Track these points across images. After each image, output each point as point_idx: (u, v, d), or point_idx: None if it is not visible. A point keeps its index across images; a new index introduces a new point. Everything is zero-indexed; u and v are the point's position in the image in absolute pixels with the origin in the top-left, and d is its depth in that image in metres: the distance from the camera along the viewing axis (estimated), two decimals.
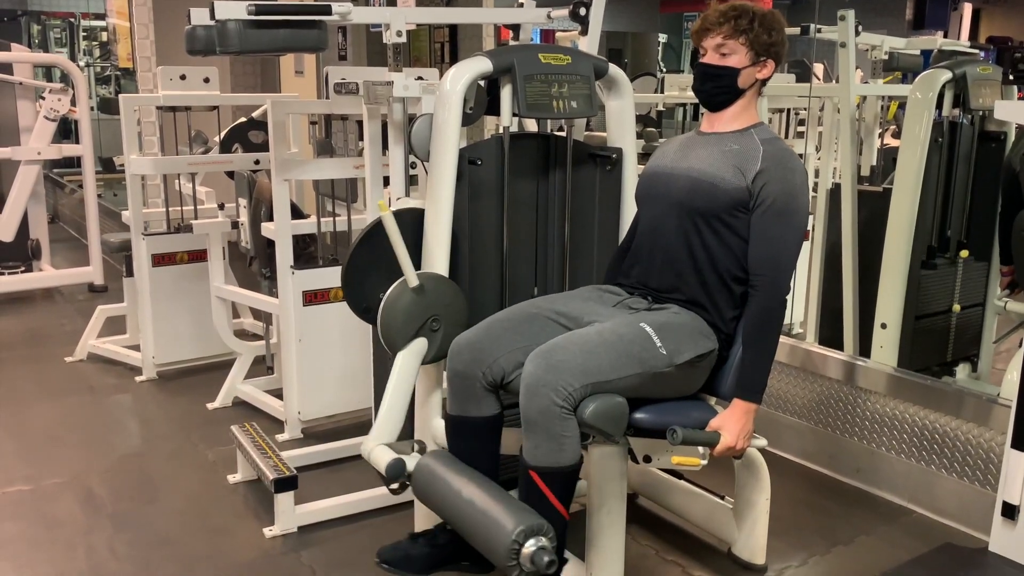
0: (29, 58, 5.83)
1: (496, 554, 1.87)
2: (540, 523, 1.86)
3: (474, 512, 1.94)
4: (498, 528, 1.87)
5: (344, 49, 6.53)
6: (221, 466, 3.16)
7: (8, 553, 2.60)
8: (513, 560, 1.84)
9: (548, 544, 1.85)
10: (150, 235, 4.00)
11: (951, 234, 3.50)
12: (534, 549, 1.83)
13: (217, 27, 2.35)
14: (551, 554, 1.84)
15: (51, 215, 7.69)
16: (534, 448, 1.94)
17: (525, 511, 1.90)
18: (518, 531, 1.83)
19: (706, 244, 2.13)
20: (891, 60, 4.19)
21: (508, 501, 1.94)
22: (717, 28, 2.12)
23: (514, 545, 1.83)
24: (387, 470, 2.08)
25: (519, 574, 1.85)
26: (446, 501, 2.03)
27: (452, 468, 2.07)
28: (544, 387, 1.90)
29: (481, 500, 1.95)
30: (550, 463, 1.93)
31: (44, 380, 4.09)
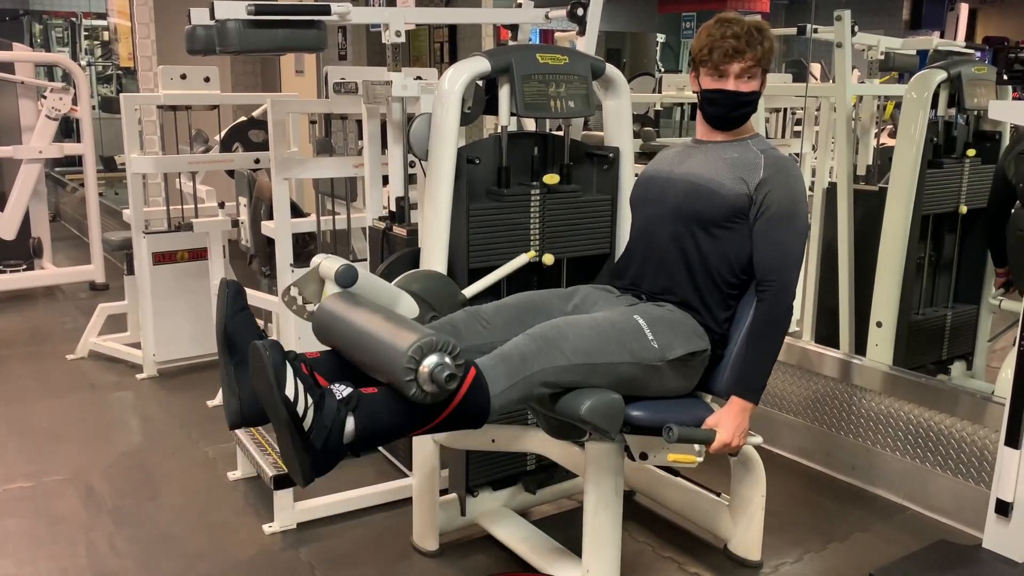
0: (31, 57, 5.83)
1: (393, 371, 1.71)
2: (444, 340, 1.72)
3: (370, 334, 1.80)
4: (395, 343, 1.72)
5: (344, 49, 6.53)
6: (221, 463, 3.17)
7: (10, 549, 2.61)
8: (410, 377, 1.69)
9: (450, 360, 1.71)
10: (151, 233, 4.00)
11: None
12: (434, 363, 1.69)
13: (217, 27, 2.36)
14: (453, 369, 1.71)
15: (53, 214, 7.70)
16: (492, 367, 1.85)
17: (429, 329, 1.78)
18: (416, 345, 1.69)
19: (700, 248, 2.13)
20: (887, 60, 4.20)
21: (411, 323, 1.82)
22: (743, 55, 2.07)
23: (411, 359, 1.69)
24: (338, 275, 1.97)
25: (417, 393, 1.71)
26: (342, 332, 1.89)
27: (359, 302, 1.95)
28: (538, 357, 1.90)
29: (379, 323, 1.82)
30: (488, 387, 1.83)
31: (45, 378, 4.09)
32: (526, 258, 2.36)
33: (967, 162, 3.47)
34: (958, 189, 3.47)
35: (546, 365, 1.90)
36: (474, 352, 2.02)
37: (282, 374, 1.66)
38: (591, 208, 2.52)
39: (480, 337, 2.07)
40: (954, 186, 3.46)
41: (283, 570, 2.50)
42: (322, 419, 1.69)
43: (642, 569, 2.51)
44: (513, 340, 1.94)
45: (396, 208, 2.72)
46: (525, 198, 2.41)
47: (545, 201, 2.43)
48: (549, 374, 1.91)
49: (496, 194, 2.39)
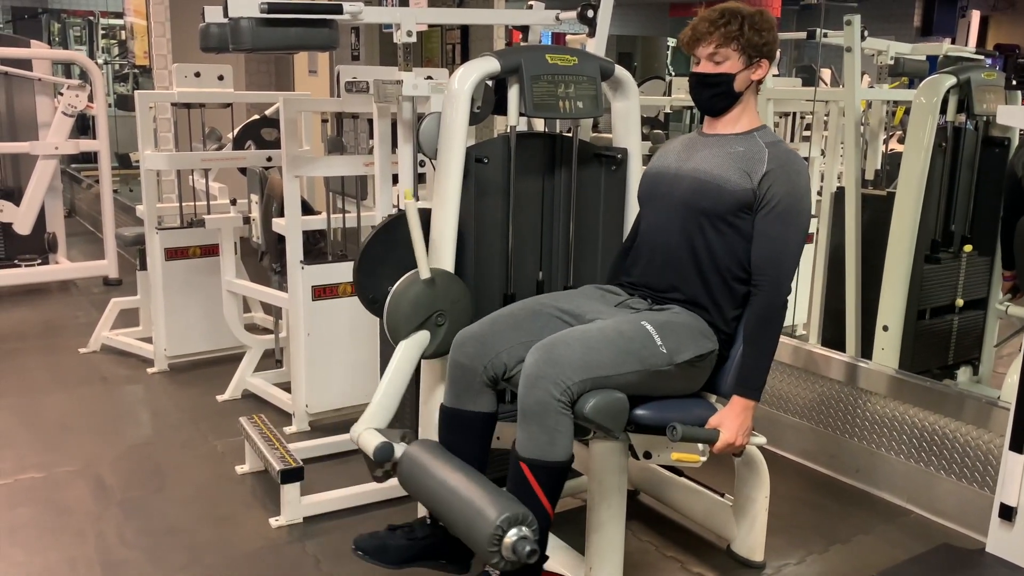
0: (48, 55, 5.86)
1: (477, 542, 1.84)
2: (524, 512, 1.84)
3: (457, 499, 1.92)
4: (481, 516, 1.84)
5: (357, 49, 6.54)
6: (229, 457, 3.18)
7: (20, 539, 2.62)
8: (495, 548, 1.80)
9: (530, 534, 1.82)
10: (163, 230, 4.02)
11: (955, 229, 3.49)
12: (516, 538, 1.80)
13: (230, 25, 2.37)
14: (533, 544, 1.81)
15: (68, 209, 7.74)
16: (527, 439, 1.93)
17: (510, 500, 1.88)
18: (501, 519, 1.80)
19: (709, 244, 2.13)
20: (897, 65, 4.18)
21: (493, 490, 1.92)
22: (708, 37, 2.10)
23: (496, 532, 1.80)
24: (375, 453, 2.06)
25: (499, 563, 1.82)
26: (430, 489, 2.00)
27: (439, 457, 2.05)
28: (543, 380, 1.90)
29: (465, 488, 1.92)
30: (541, 456, 1.92)
31: (58, 370, 4.12)
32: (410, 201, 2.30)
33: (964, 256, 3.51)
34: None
35: (562, 389, 1.91)
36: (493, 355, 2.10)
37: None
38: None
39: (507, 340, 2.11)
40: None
41: (289, 563, 2.51)
42: None
43: (645, 568, 2.51)
44: (523, 386, 1.94)
45: None
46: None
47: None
48: (566, 395, 1.92)
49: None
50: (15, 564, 2.49)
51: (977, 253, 3.56)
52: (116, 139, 7.58)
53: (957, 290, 3.59)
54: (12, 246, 5.57)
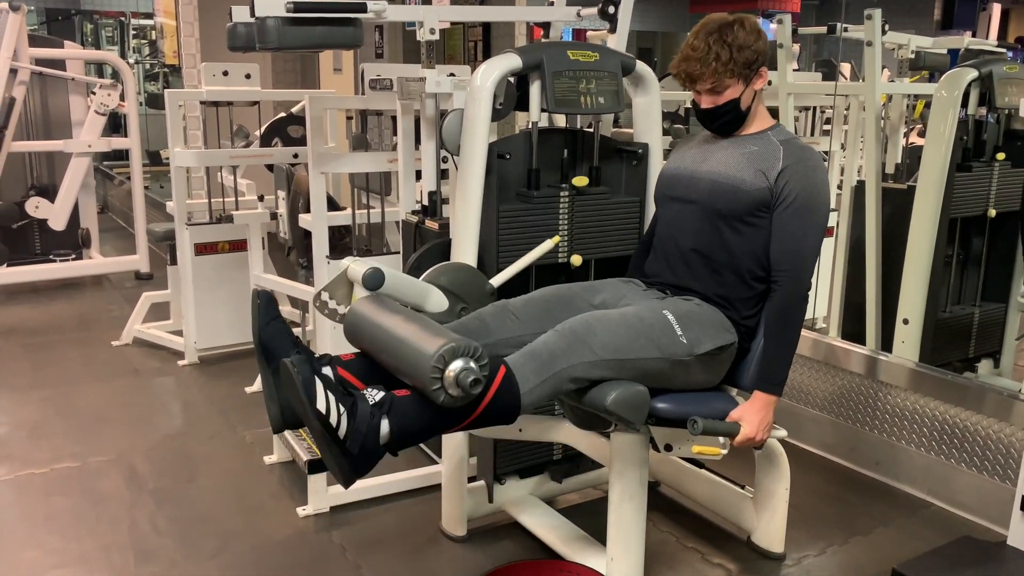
0: (81, 55, 5.91)
1: (419, 374, 1.72)
2: (469, 344, 1.73)
3: (398, 337, 1.81)
4: (421, 346, 1.73)
5: (381, 47, 6.55)
6: (258, 447, 3.20)
7: (57, 526, 2.66)
8: (436, 375, 1.70)
9: (475, 366, 1.72)
10: (193, 225, 4.05)
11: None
12: (460, 370, 1.69)
13: (257, 24, 2.37)
14: (477, 374, 1.71)
15: (100, 205, 7.82)
16: (523, 364, 1.85)
17: (455, 334, 1.77)
18: (444, 348, 1.70)
19: (726, 245, 2.11)
20: (918, 59, 4.12)
21: (438, 328, 1.82)
22: (703, 78, 2.06)
23: (437, 364, 1.69)
24: (365, 279, 1.99)
25: (442, 396, 1.71)
26: (371, 334, 1.89)
27: (388, 306, 1.95)
28: (568, 353, 1.89)
29: (407, 327, 1.82)
30: (519, 385, 1.84)
31: (92, 363, 4.16)
32: (551, 243, 2.34)
33: (997, 165, 3.39)
34: (987, 193, 3.40)
35: (575, 361, 1.89)
36: (503, 345, 2.02)
37: (312, 389, 1.68)
38: (620, 209, 2.50)
39: (509, 331, 2.06)
40: (983, 190, 3.39)
41: (316, 552, 2.53)
42: (356, 425, 1.71)
43: (666, 559, 2.50)
44: (542, 337, 1.92)
45: (428, 202, 2.73)
46: (554, 200, 2.39)
47: (574, 203, 2.41)
48: (578, 370, 1.90)
49: (525, 196, 2.37)
50: (52, 551, 2.52)
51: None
52: (147, 137, 7.63)
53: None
54: (47, 241, 5.64)
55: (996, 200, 3.42)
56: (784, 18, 4.20)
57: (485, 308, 2.13)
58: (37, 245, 5.66)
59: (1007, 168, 3.42)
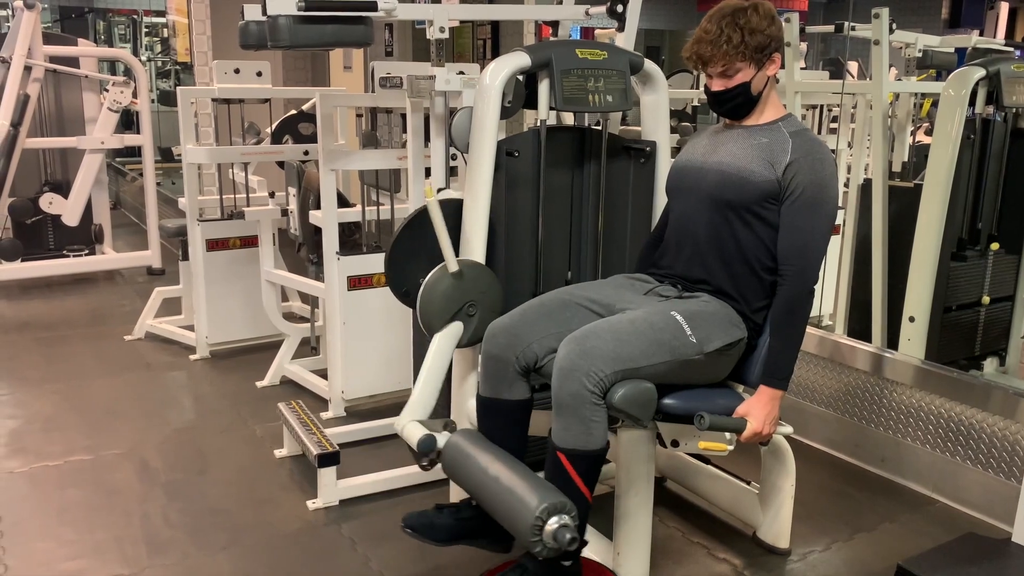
0: (94, 52, 5.93)
1: (519, 530, 1.86)
2: (563, 501, 1.84)
3: (499, 488, 1.93)
4: (522, 504, 1.85)
5: (391, 45, 6.56)
6: (268, 441, 3.21)
7: (70, 518, 2.67)
8: (536, 536, 1.82)
9: (571, 522, 1.83)
10: (205, 221, 4.06)
11: (981, 227, 3.42)
12: (556, 526, 1.81)
13: (269, 22, 2.38)
14: (573, 532, 1.82)
15: (113, 201, 7.85)
16: (563, 430, 1.93)
17: (550, 489, 1.89)
18: (542, 508, 1.82)
19: (736, 235, 2.10)
20: (925, 58, 4.11)
21: (533, 479, 1.93)
22: (713, 58, 2.06)
23: (537, 522, 1.81)
24: (418, 445, 2.09)
25: (541, 550, 1.83)
26: (473, 477, 2.02)
27: (480, 446, 2.07)
28: (576, 372, 1.90)
29: (507, 477, 1.94)
30: (578, 445, 1.92)
31: (104, 357, 4.18)
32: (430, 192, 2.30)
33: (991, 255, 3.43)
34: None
35: (595, 381, 1.90)
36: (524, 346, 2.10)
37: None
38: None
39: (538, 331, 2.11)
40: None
41: (325, 544, 2.53)
42: None
43: (672, 553, 2.50)
44: (556, 380, 1.94)
45: None
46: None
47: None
48: (599, 386, 1.91)
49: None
50: (65, 542, 2.54)
51: (1004, 251, 3.49)
52: (159, 134, 7.66)
53: (984, 288, 3.52)
54: (61, 237, 5.67)
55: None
56: (792, 17, 4.19)
57: (502, 320, 2.15)
58: (51, 241, 5.68)
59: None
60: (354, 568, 2.42)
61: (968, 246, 3.42)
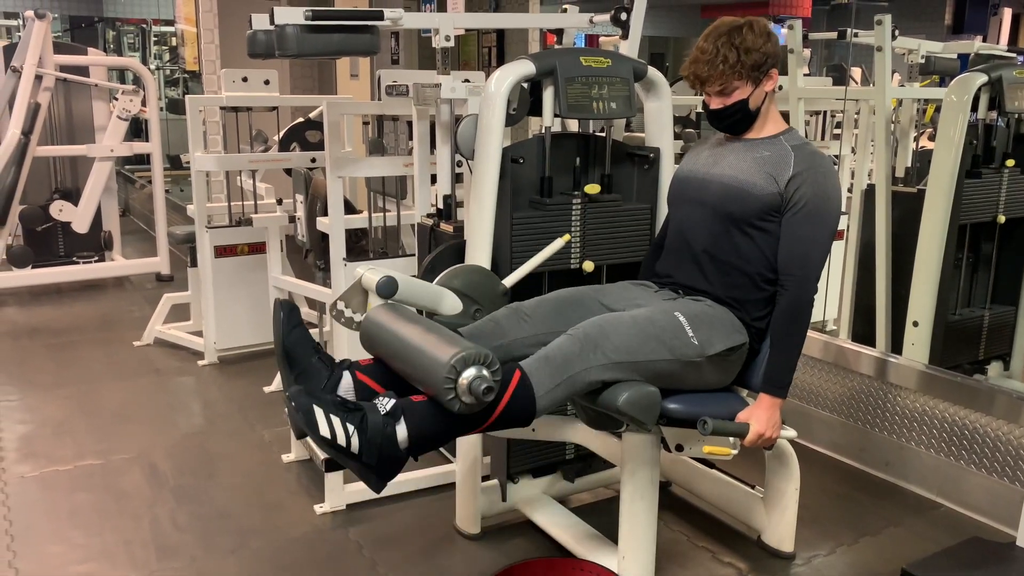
0: (104, 61, 5.97)
1: (433, 382, 1.74)
2: (482, 352, 1.73)
3: (414, 345, 1.82)
4: (436, 355, 1.74)
5: (397, 53, 6.58)
6: (276, 446, 3.22)
7: (80, 522, 2.69)
8: (449, 385, 1.71)
9: (488, 374, 1.72)
10: (213, 228, 4.08)
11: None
12: (472, 376, 1.70)
13: (276, 32, 2.39)
14: (490, 382, 1.72)
15: (122, 209, 7.88)
16: (537, 369, 1.87)
17: (468, 343, 1.78)
18: (457, 357, 1.70)
19: (737, 248, 2.11)
20: (928, 64, 4.11)
21: (452, 336, 1.83)
22: (711, 80, 2.08)
23: (450, 372, 1.70)
24: (379, 287, 1.99)
25: (456, 404, 1.72)
26: (386, 342, 1.91)
27: (402, 314, 1.96)
28: (588, 341, 1.90)
29: (422, 335, 1.83)
30: (534, 387, 1.85)
31: (114, 362, 4.20)
32: (562, 242, 2.34)
33: (1006, 172, 3.37)
34: (997, 199, 3.38)
35: (588, 364, 1.90)
36: (518, 346, 2.04)
37: (311, 418, 1.71)
38: (631, 216, 2.50)
39: (522, 331, 2.08)
40: (993, 196, 3.37)
41: (332, 548, 2.54)
42: (369, 437, 1.73)
43: (677, 557, 2.50)
44: (555, 341, 1.94)
45: (443, 205, 2.74)
46: (567, 207, 2.40)
47: (586, 210, 2.42)
48: (591, 373, 1.91)
49: (538, 203, 2.38)
50: (75, 546, 2.55)
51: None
52: (168, 141, 7.70)
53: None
54: (70, 244, 5.69)
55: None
56: (795, 23, 4.19)
57: (498, 311, 2.14)
58: (61, 247, 5.71)
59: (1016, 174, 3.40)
60: (361, 572, 2.42)
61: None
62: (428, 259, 2.42)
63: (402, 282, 2.03)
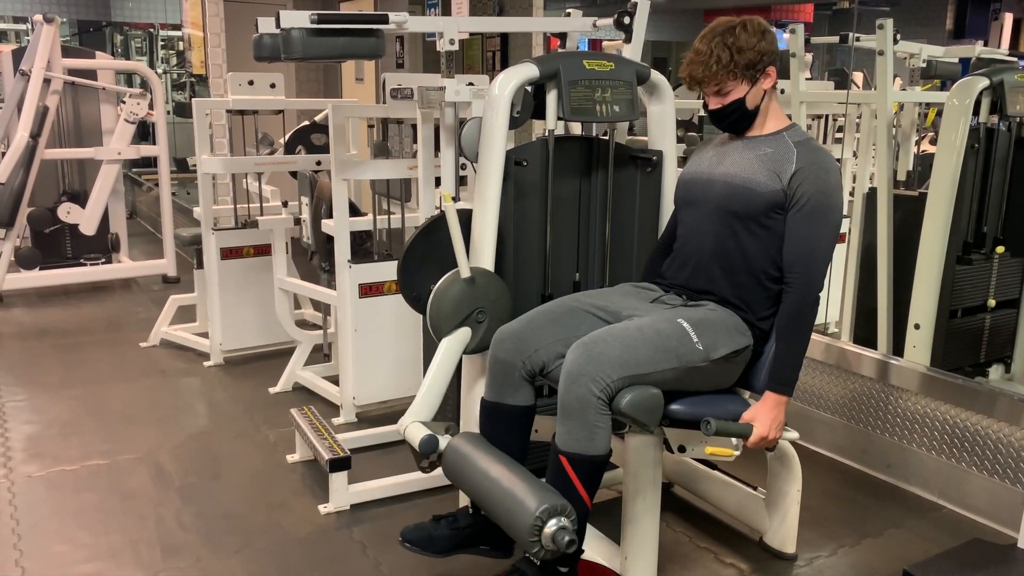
0: (112, 65, 5.98)
1: (518, 532, 1.85)
2: (563, 504, 1.84)
3: (499, 490, 1.93)
4: (521, 506, 1.84)
5: (401, 57, 6.58)
6: (281, 446, 3.22)
7: (86, 522, 2.69)
8: (534, 538, 1.81)
9: (569, 525, 1.82)
10: (219, 230, 4.09)
11: (987, 231, 3.41)
12: (555, 528, 1.81)
13: (282, 35, 2.40)
14: (571, 534, 1.81)
15: (129, 211, 7.89)
16: (567, 434, 1.93)
17: (549, 491, 1.89)
18: (541, 509, 1.81)
19: (742, 246, 2.10)
20: (929, 68, 4.10)
21: (534, 482, 1.92)
22: (706, 81, 2.08)
23: (536, 523, 1.81)
24: (420, 446, 2.09)
25: (539, 552, 1.82)
26: (473, 480, 2.02)
27: (481, 449, 2.06)
28: (583, 377, 1.90)
29: (507, 479, 1.93)
30: (581, 450, 1.92)
31: (121, 363, 4.20)
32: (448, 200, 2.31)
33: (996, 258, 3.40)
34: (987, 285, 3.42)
35: (602, 387, 1.91)
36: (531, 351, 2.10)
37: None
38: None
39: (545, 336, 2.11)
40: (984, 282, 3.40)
41: (336, 548, 2.54)
42: None
43: (679, 558, 2.49)
44: (563, 384, 1.94)
45: None
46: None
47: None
48: (605, 392, 1.91)
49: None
50: (81, 545, 2.55)
51: (1010, 254, 3.47)
52: (174, 144, 7.68)
53: (989, 291, 3.51)
54: (78, 246, 5.71)
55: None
56: (797, 28, 4.19)
57: (509, 326, 2.15)
58: (68, 249, 5.73)
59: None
60: (365, 572, 2.42)
61: (974, 250, 3.41)
62: (426, 221, 2.39)
63: (434, 425, 2.18)
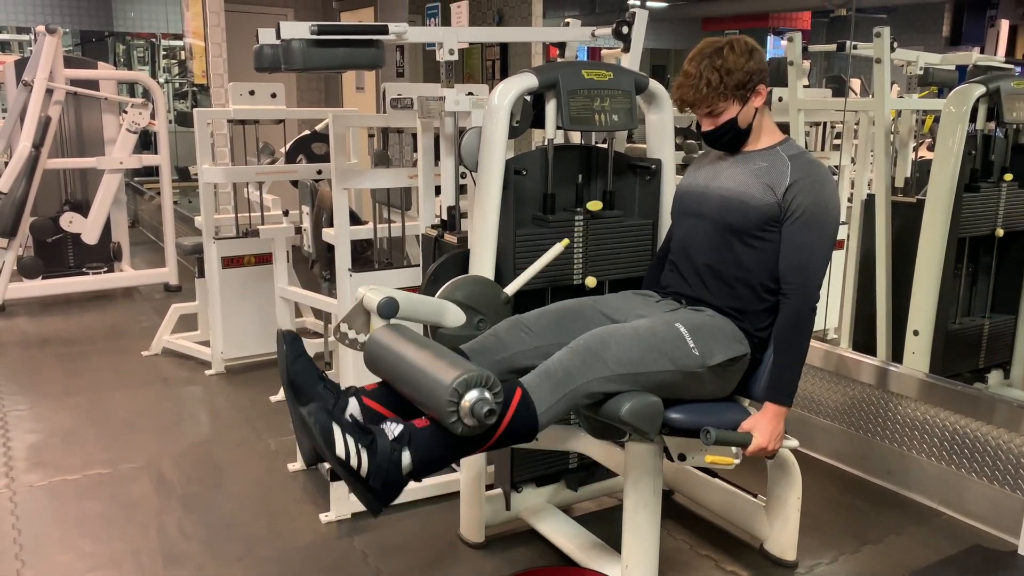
0: (114, 75, 6.00)
1: (437, 405, 1.74)
2: (484, 374, 1.72)
3: (416, 368, 1.81)
4: (438, 379, 1.74)
5: (402, 67, 6.60)
6: (282, 455, 3.21)
7: (88, 530, 2.68)
8: (452, 408, 1.71)
9: (490, 396, 1.71)
10: (220, 239, 4.09)
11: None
12: (475, 399, 1.70)
13: (283, 46, 2.40)
14: (492, 405, 1.71)
15: (131, 220, 7.88)
16: (536, 386, 1.86)
17: (471, 365, 1.78)
18: (458, 380, 1.70)
19: (738, 259, 2.10)
20: (926, 75, 4.11)
21: (453, 357, 1.82)
22: (696, 103, 2.07)
23: (452, 396, 1.70)
24: (380, 308, 1.99)
25: (458, 426, 1.72)
26: (390, 362, 1.91)
27: (404, 334, 1.96)
28: (590, 353, 1.89)
29: (425, 357, 1.82)
30: (535, 406, 1.84)
31: (122, 372, 4.20)
32: (561, 247, 2.33)
33: (1004, 186, 3.36)
34: (995, 212, 3.37)
35: (590, 377, 1.89)
36: (520, 358, 2.04)
37: (329, 436, 1.71)
38: (633, 232, 2.50)
39: (524, 343, 2.07)
40: (991, 209, 3.36)
41: (338, 557, 2.53)
42: (377, 462, 1.73)
43: (680, 566, 2.49)
44: (556, 355, 1.93)
45: (447, 216, 2.74)
46: (569, 224, 2.39)
47: (588, 226, 2.42)
48: (592, 386, 1.90)
49: (541, 220, 2.38)
50: (84, 554, 2.54)
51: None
52: (176, 154, 7.70)
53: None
54: (80, 255, 5.71)
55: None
56: (794, 36, 4.20)
57: (500, 324, 2.13)
58: (71, 258, 5.73)
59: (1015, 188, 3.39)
60: None
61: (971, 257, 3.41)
62: (431, 269, 2.42)
63: (403, 300, 2.02)
